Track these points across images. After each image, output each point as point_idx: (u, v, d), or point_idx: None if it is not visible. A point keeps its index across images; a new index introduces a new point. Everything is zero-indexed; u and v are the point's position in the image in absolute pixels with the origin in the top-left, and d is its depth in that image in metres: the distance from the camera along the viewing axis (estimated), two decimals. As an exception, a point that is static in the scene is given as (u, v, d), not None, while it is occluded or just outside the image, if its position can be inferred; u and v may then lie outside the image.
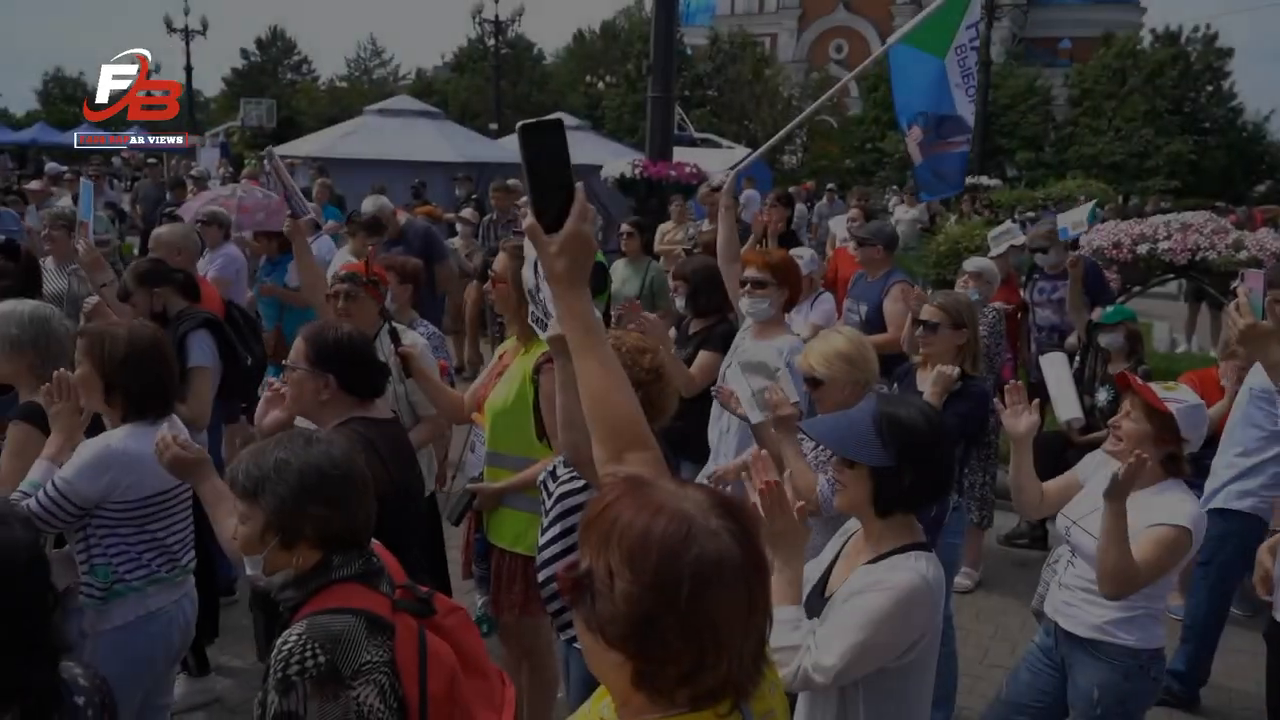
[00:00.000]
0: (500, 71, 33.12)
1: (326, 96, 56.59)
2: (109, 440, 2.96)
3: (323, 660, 1.87)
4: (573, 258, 1.55)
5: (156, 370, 3.09)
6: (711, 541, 1.18)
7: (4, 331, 3.26)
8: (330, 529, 2.05)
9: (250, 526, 2.07)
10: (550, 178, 1.55)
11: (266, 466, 2.05)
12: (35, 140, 37.83)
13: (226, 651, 4.64)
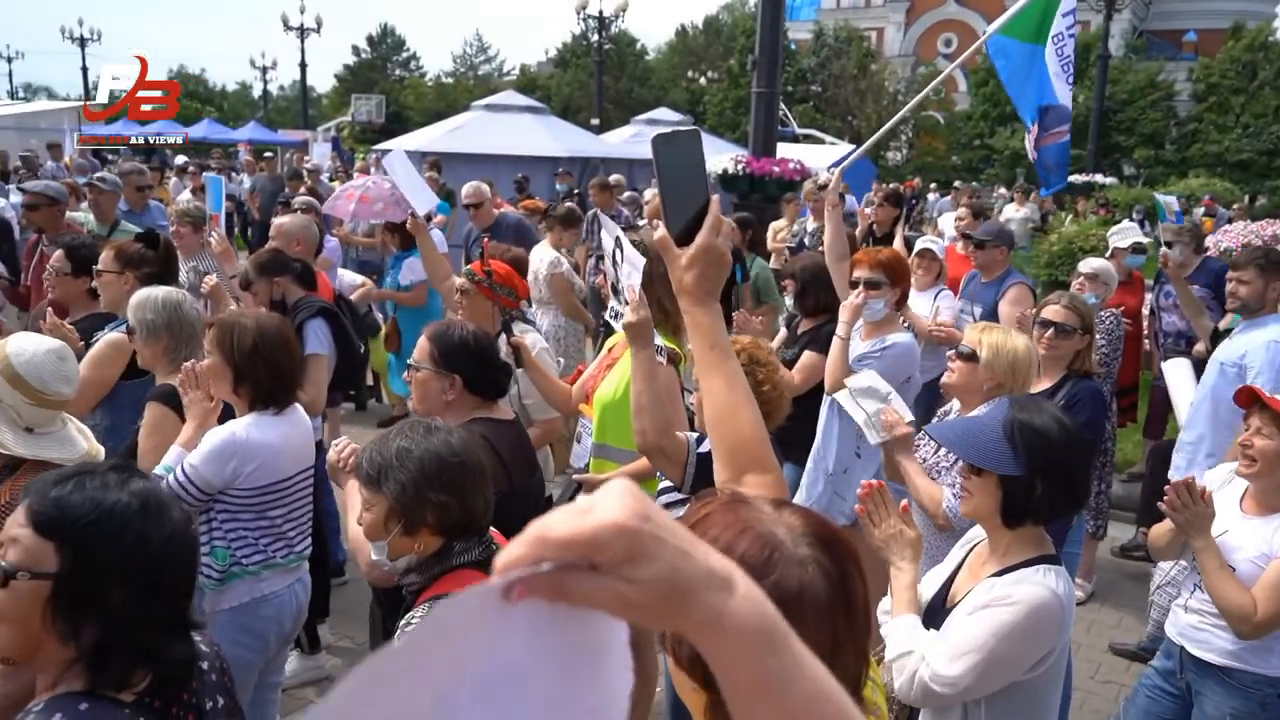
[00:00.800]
0: (603, 67, 33.28)
1: (433, 92, 57.87)
2: (233, 429, 3.04)
3: None
4: (702, 271, 1.48)
5: (282, 360, 3.15)
6: (795, 571, 1.08)
7: (140, 317, 3.39)
8: (450, 516, 2.11)
9: (375, 513, 2.14)
10: (684, 189, 1.49)
11: (389, 455, 2.11)
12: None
13: (336, 631, 4.76)
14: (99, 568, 1.52)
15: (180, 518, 1.61)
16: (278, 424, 3.14)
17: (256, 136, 37.13)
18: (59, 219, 5.73)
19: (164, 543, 1.54)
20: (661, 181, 1.47)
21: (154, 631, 1.54)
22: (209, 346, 3.15)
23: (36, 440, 2.42)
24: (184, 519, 1.62)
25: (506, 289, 4.16)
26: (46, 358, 2.41)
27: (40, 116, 23.68)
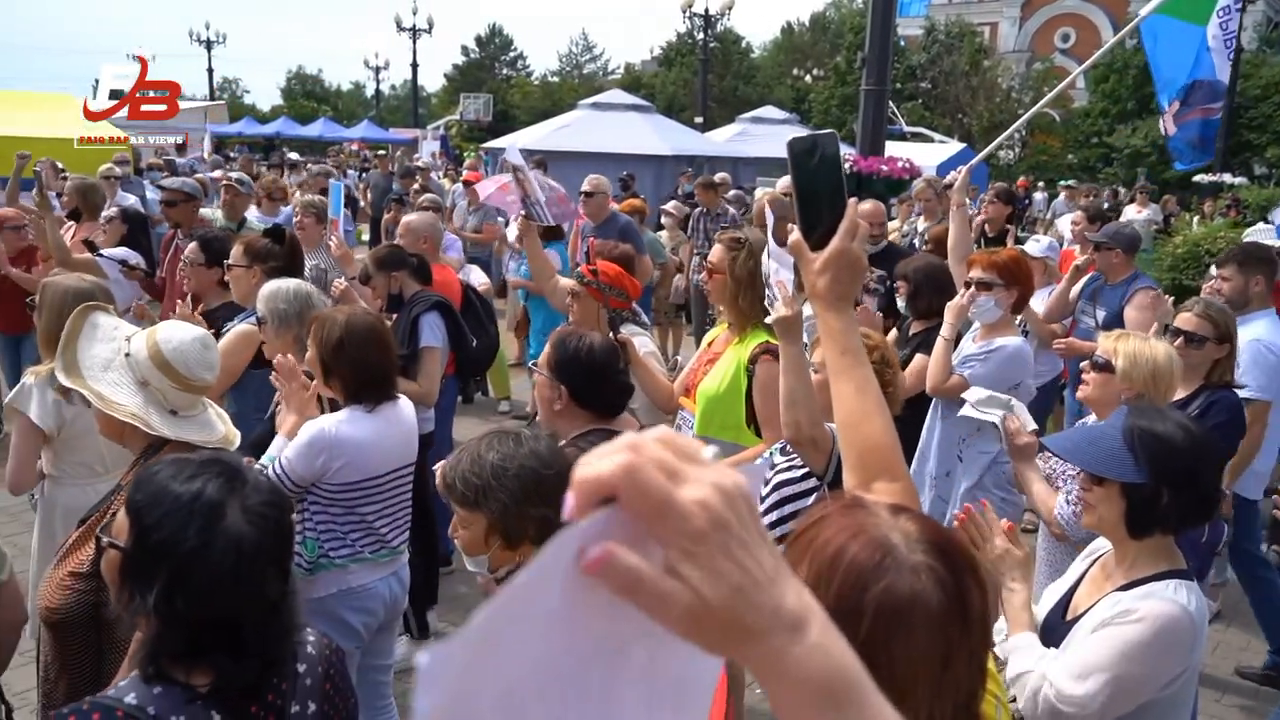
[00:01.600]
0: (707, 65, 33.22)
1: (539, 91, 58.63)
2: (324, 424, 3.06)
3: None
4: (835, 276, 1.46)
5: (369, 357, 3.13)
6: (907, 578, 1.06)
7: (272, 307, 3.54)
8: (551, 527, 2.10)
9: (473, 531, 2.13)
10: (820, 192, 1.48)
11: (485, 475, 2.07)
12: (279, 133, 41.11)
13: (444, 619, 4.88)
14: (148, 549, 1.57)
15: (240, 528, 1.57)
16: (371, 421, 3.13)
17: (369, 135, 38.30)
18: (194, 214, 6.03)
19: (201, 543, 1.54)
20: (796, 184, 1.46)
21: (210, 625, 1.54)
22: (310, 339, 3.21)
23: (180, 422, 2.55)
24: (245, 524, 1.58)
25: (616, 290, 4.21)
26: (192, 345, 2.54)
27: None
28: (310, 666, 1.73)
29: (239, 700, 1.58)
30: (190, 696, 1.54)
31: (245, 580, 1.55)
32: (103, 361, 2.55)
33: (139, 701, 1.52)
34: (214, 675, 1.55)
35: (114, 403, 2.50)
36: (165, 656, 1.55)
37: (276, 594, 1.60)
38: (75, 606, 2.36)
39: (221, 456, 1.72)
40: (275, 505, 1.64)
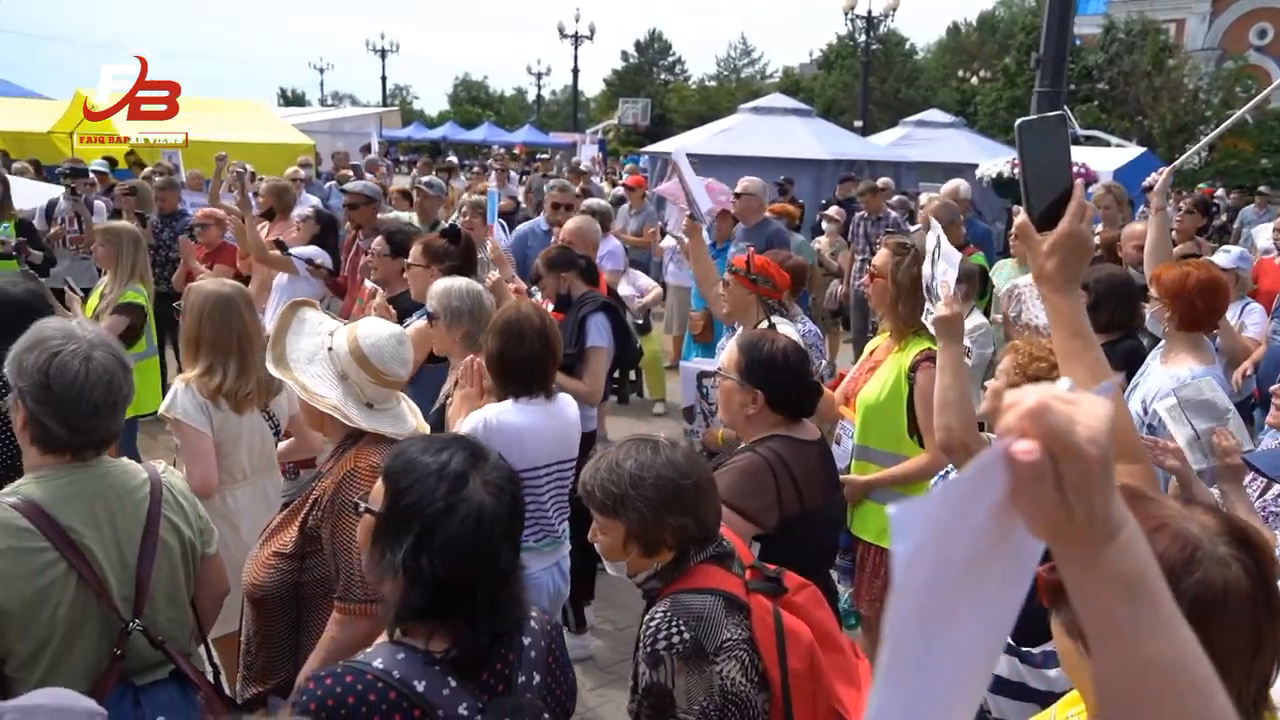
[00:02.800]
0: (869, 68, 32.59)
1: (696, 95, 58.87)
2: (484, 415, 3.20)
3: (688, 637, 1.99)
4: (1064, 258, 1.47)
5: (536, 350, 3.27)
6: (1218, 569, 1.10)
7: (445, 304, 3.69)
8: (688, 534, 2.13)
9: (611, 537, 2.16)
10: (1047, 175, 1.49)
11: (623, 484, 2.11)
12: (445, 137, 42.79)
13: (600, 614, 4.98)
14: (400, 511, 1.69)
15: (481, 497, 1.68)
16: (531, 412, 3.26)
17: (530, 139, 39.40)
18: (374, 216, 6.37)
19: (447, 506, 1.66)
20: (1024, 166, 1.48)
21: (449, 587, 1.64)
22: (484, 335, 3.37)
23: (375, 415, 2.69)
24: (486, 494, 1.69)
25: (765, 279, 4.21)
26: (389, 342, 2.67)
27: (345, 121, 26.05)
28: (534, 640, 1.81)
29: (472, 667, 1.68)
30: (429, 661, 1.64)
31: (483, 546, 1.66)
32: (308, 354, 2.72)
33: (385, 666, 1.63)
34: (450, 641, 1.65)
35: (316, 394, 2.66)
36: (410, 616, 1.66)
37: (508, 565, 1.70)
38: (277, 585, 2.53)
39: (464, 437, 1.84)
40: (511, 481, 1.76)
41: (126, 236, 5.45)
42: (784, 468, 2.82)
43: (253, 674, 2.59)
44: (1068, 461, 0.73)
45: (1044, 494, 0.74)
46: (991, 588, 0.77)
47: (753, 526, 2.76)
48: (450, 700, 1.64)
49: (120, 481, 2.23)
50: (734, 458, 2.93)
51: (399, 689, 1.61)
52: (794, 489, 2.81)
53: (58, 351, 2.12)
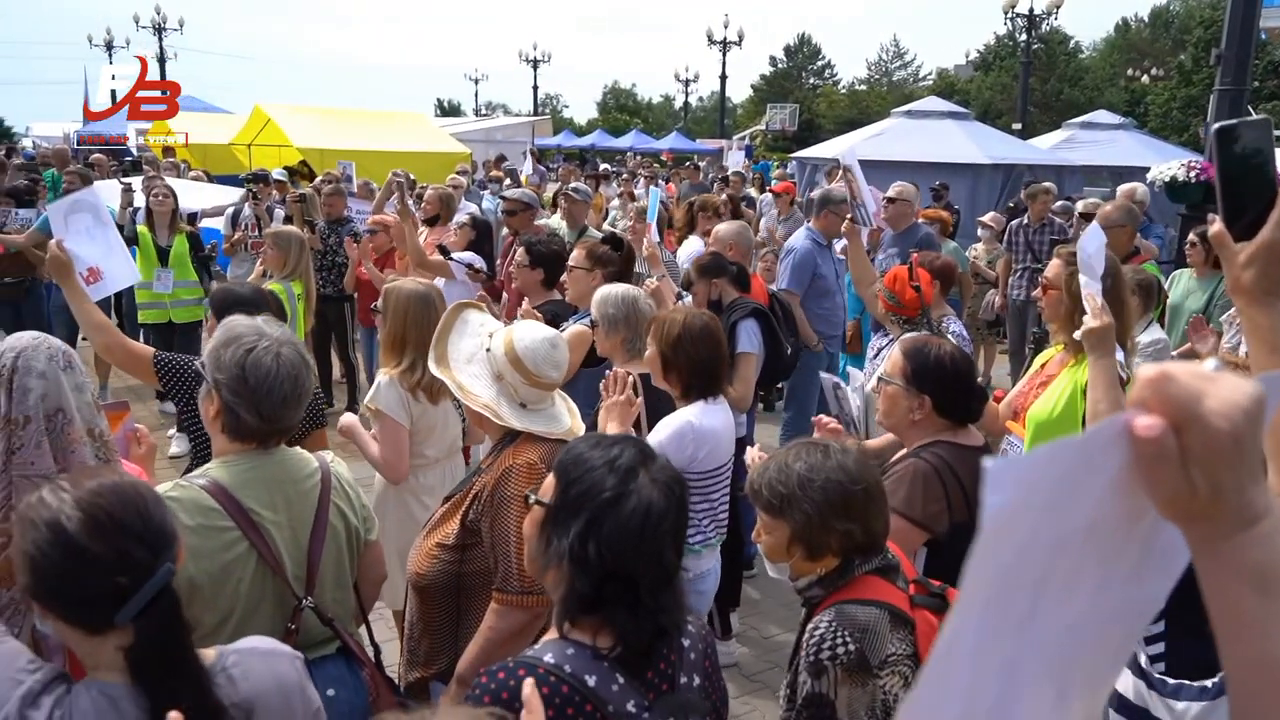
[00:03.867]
0: (1029, 68, 31.33)
1: (846, 99, 57.97)
2: (688, 415, 3.31)
3: (853, 648, 1.96)
4: (1263, 269, 1.38)
5: (706, 353, 3.37)
6: None
7: (603, 311, 3.80)
8: (854, 541, 2.10)
9: (775, 538, 2.16)
10: (1246, 181, 1.40)
11: (791, 484, 2.10)
12: (593, 145, 43.51)
13: (745, 621, 4.96)
14: (570, 500, 1.73)
15: (650, 492, 1.70)
16: (716, 411, 3.39)
17: (677, 145, 39.61)
18: (531, 222, 6.54)
19: (616, 495, 1.69)
20: (1220, 172, 1.39)
21: (613, 578, 1.66)
22: (649, 338, 3.45)
23: (528, 415, 2.76)
24: (654, 490, 1.71)
25: (896, 298, 4.11)
26: (542, 345, 2.74)
27: (499, 130, 26.84)
28: (693, 643, 1.83)
29: (639, 664, 1.70)
30: (598, 656, 1.67)
31: (648, 541, 1.68)
32: (467, 354, 2.83)
33: (556, 661, 1.67)
34: (615, 638, 1.68)
35: (471, 393, 2.76)
36: (575, 605, 1.70)
37: (670, 564, 1.71)
38: (440, 574, 2.63)
39: (633, 437, 1.90)
40: (678, 482, 1.77)
41: (294, 240, 5.79)
42: (951, 473, 2.76)
43: (416, 658, 2.70)
44: (1192, 433, 0.69)
45: (1166, 467, 0.70)
46: (1121, 574, 0.72)
47: (922, 534, 2.72)
48: (619, 696, 1.66)
49: (295, 468, 2.37)
50: (897, 465, 2.88)
51: (571, 683, 1.63)
52: (963, 495, 2.75)
53: (252, 347, 2.27)
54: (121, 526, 1.49)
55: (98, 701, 1.46)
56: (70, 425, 2.25)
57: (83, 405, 2.30)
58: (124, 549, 1.48)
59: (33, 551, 1.47)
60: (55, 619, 1.50)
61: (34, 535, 1.48)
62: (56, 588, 1.48)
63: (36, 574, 1.48)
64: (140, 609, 1.46)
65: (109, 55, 46.37)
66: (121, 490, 1.55)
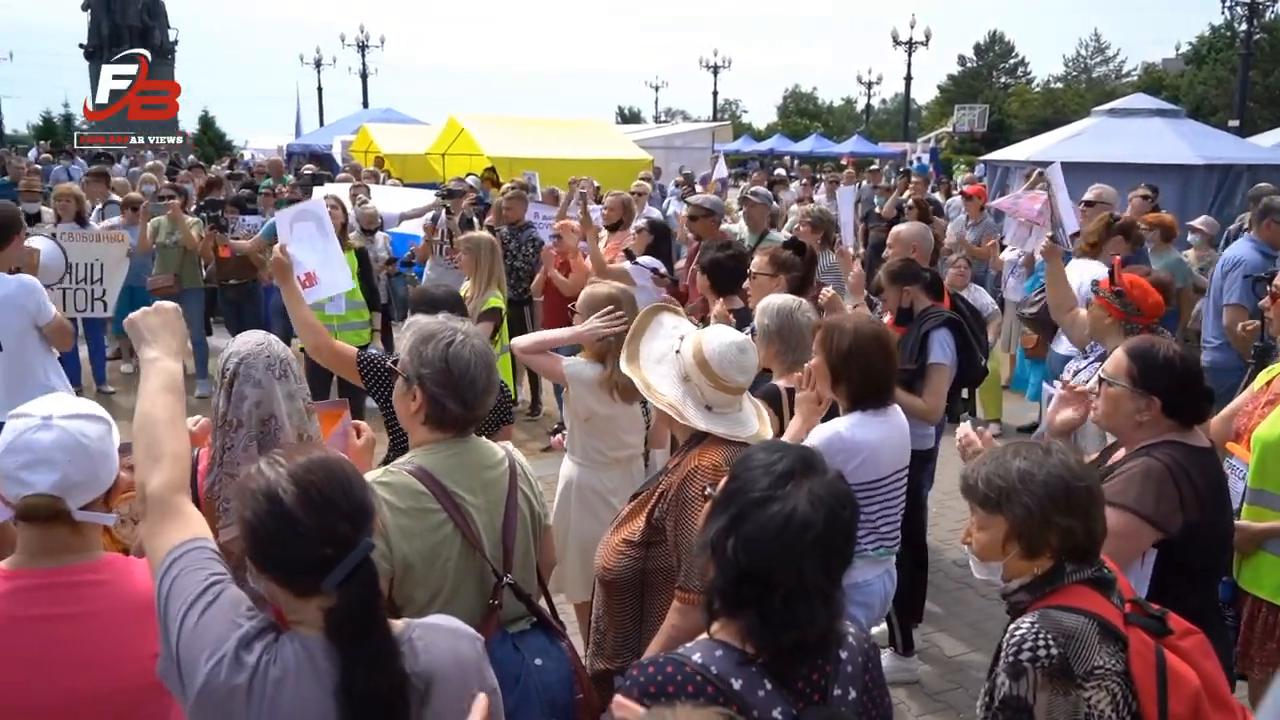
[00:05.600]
0: (1249, 60, 28.94)
1: (1040, 98, 55.33)
2: (838, 427, 3.26)
3: (1055, 653, 1.91)
4: None
5: (875, 364, 3.28)
6: None
7: (760, 321, 3.78)
8: (1073, 540, 2.03)
9: (990, 534, 2.11)
10: None
11: (1010, 478, 2.05)
12: (772, 149, 43.23)
13: (928, 639, 4.81)
14: (725, 495, 1.76)
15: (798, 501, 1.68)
16: (876, 424, 3.31)
17: (858, 149, 38.84)
18: (715, 228, 6.56)
19: (763, 498, 1.69)
20: None
21: (749, 579, 1.66)
22: (815, 347, 3.37)
23: (712, 417, 2.78)
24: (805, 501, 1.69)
25: (1129, 303, 3.83)
26: (729, 349, 2.75)
27: (677, 137, 27.05)
28: (851, 655, 1.80)
29: (786, 671, 1.69)
30: (746, 660, 1.68)
31: (786, 547, 1.66)
32: (658, 355, 2.88)
33: (703, 661, 1.68)
34: (758, 642, 1.67)
35: (658, 392, 2.81)
36: (715, 598, 1.72)
37: (813, 576, 1.67)
38: (625, 570, 2.69)
39: (806, 448, 1.89)
40: (836, 498, 1.73)
41: (485, 245, 6.05)
42: (1184, 473, 2.66)
43: (602, 651, 2.78)
44: None
45: None
46: None
47: (1154, 533, 2.63)
48: (765, 702, 1.65)
49: (487, 456, 2.49)
50: (1123, 466, 2.77)
51: (716, 684, 1.64)
52: (1195, 495, 2.64)
53: (450, 341, 2.41)
54: (329, 502, 1.61)
55: (298, 652, 1.59)
56: (280, 431, 2.44)
57: (294, 411, 2.48)
58: (331, 523, 1.60)
59: (251, 519, 1.61)
60: (268, 580, 1.64)
61: (254, 505, 1.62)
62: (271, 553, 1.61)
63: (254, 540, 1.62)
64: (343, 578, 1.57)
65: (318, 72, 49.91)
66: (330, 467, 1.67)
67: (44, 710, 1.82)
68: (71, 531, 1.92)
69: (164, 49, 50.17)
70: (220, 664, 1.56)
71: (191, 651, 1.58)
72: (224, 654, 1.57)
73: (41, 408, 1.92)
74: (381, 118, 27.30)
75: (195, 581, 1.64)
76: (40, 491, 1.85)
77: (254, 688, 1.56)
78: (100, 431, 1.95)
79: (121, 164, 17.61)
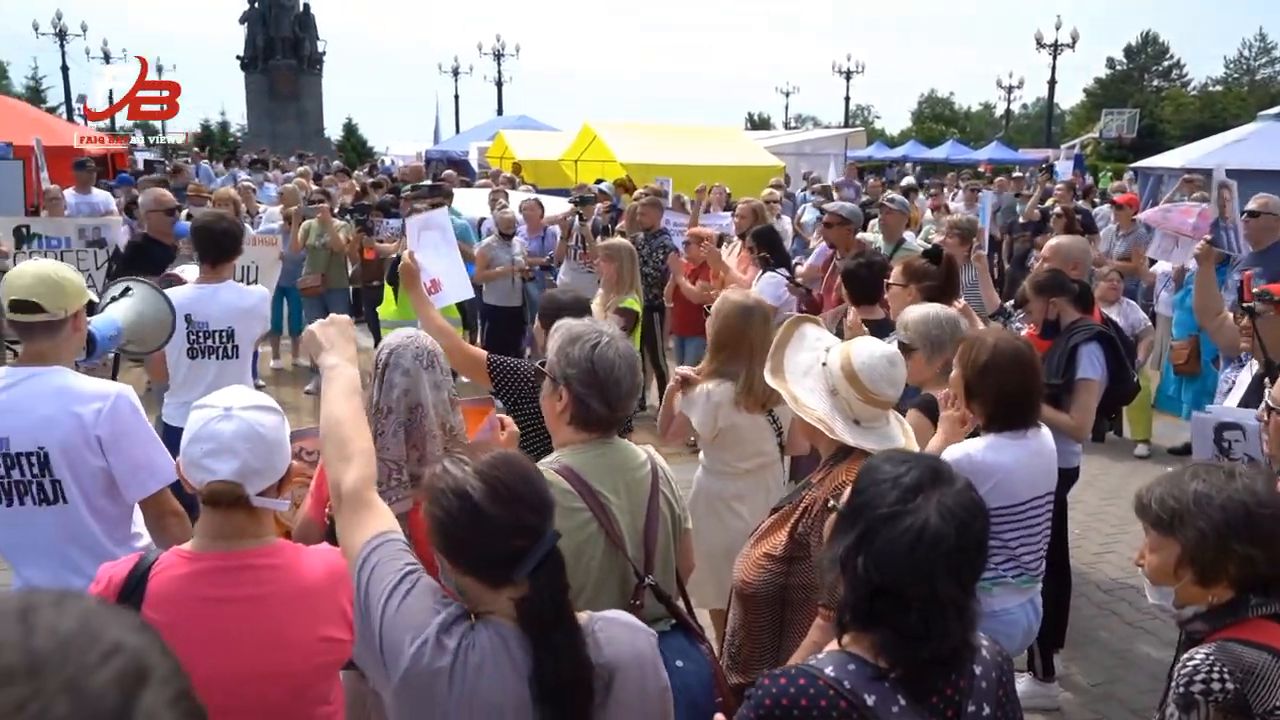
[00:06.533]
0: None
1: (1196, 102, 52.43)
2: (968, 448, 3.12)
3: (1230, 688, 1.83)
4: None
5: (1011, 382, 3.10)
6: None
7: (924, 333, 3.63)
8: (1254, 569, 1.93)
9: (1161, 557, 2.03)
10: None
11: (1185, 499, 1.97)
12: (906, 156, 42.25)
13: (1073, 666, 4.62)
14: (853, 509, 1.73)
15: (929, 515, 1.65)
16: (1014, 447, 3.13)
17: (996, 156, 37.58)
18: (850, 236, 6.47)
19: (892, 513, 1.65)
20: None
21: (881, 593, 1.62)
22: (955, 361, 3.27)
23: (860, 432, 2.74)
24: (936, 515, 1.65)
25: None
26: (880, 361, 2.71)
27: (808, 143, 26.73)
28: (985, 670, 1.75)
29: (920, 687, 1.66)
30: (879, 675, 1.65)
31: (919, 562, 1.63)
32: (803, 368, 2.85)
33: (836, 674, 1.66)
34: (893, 658, 1.65)
35: (805, 406, 2.78)
36: (847, 615, 1.69)
37: (947, 591, 1.64)
38: (765, 585, 2.68)
39: (934, 457, 1.86)
40: (967, 509, 1.68)
41: (625, 252, 6.12)
42: None
43: (736, 664, 2.77)
44: None
45: None
46: None
47: None
48: (899, 719, 1.62)
49: (630, 457, 2.52)
50: None
51: (849, 699, 1.62)
52: None
53: (596, 343, 2.45)
54: (516, 495, 1.68)
55: (493, 639, 1.66)
56: (425, 419, 2.54)
57: (439, 402, 2.58)
58: (519, 515, 1.67)
59: (443, 516, 1.69)
60: (461, 573, 1.70)
61: (444, 502, 1.69)
62: (465, 548, 1.69)
63: (447, 535, 1.69)
64: (533, 566, 1.63)
65: (455, 80, 51.49)
66: (512, 463, 1.74)
67: (232, 687, 1.92)
68: (249, 516, 2.04)
69: (313, 59, 52.75)
70: (424, 647, 1.64)
71: (394, 636, 1.67)
72: (426, 638, 1.65)
73: (223, 399, 2.06)
74: (516, 124, 27.96)
75: (393, 570, 1.73)
76: (222, 478, 1.98)
77: (455, 672, 1.63)
78: (275, 422, 2.08)
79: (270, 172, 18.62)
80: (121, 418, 2.79)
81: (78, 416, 2.73)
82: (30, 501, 2.77)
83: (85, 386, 2.80)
